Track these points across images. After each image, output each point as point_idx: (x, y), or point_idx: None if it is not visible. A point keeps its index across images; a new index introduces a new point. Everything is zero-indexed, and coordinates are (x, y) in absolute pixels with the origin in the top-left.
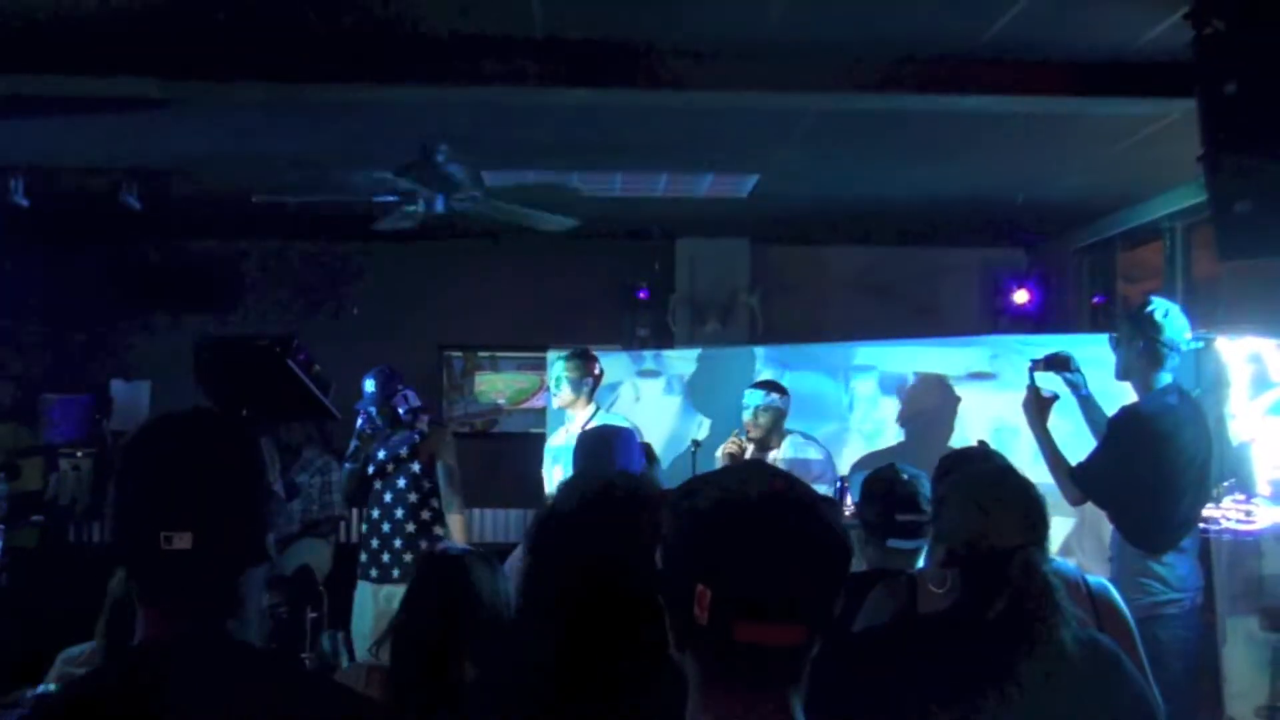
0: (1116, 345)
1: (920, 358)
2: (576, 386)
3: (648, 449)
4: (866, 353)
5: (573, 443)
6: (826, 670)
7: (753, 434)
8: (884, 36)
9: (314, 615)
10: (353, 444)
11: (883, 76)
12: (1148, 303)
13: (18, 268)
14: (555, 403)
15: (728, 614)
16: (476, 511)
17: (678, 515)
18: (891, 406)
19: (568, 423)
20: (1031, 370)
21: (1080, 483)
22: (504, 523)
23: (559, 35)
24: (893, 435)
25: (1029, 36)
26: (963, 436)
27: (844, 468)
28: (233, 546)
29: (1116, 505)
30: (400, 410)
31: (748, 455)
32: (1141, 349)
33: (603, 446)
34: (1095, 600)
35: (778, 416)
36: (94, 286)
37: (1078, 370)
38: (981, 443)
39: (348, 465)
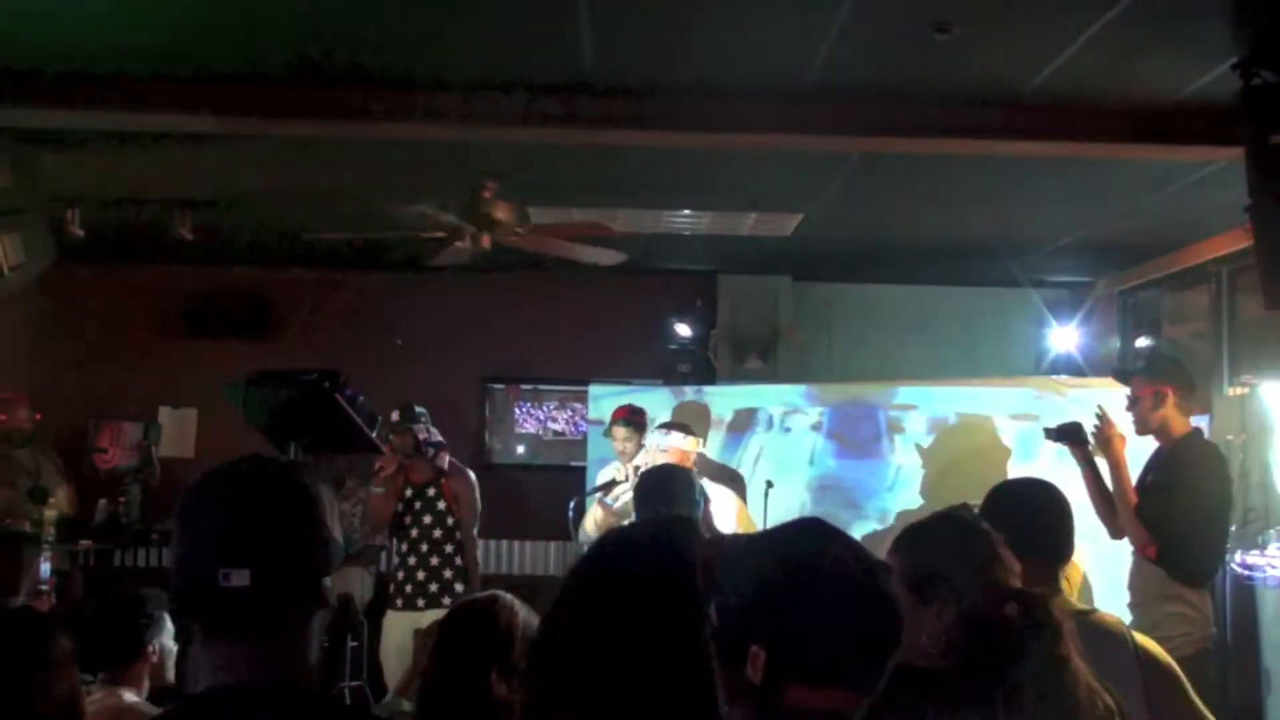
0: (1135, 404)
1: (962, 398)
2: (636, 444)
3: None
4: (909, 392)
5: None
6: None
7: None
8: (928, 82)
9: (354, 644)
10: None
11: (926, 122)
12: (1158, 356)
13: (71, 295)
14: (623, 463)
15: (781, 677)
16: (515, 544)
17: (737, 572)
18: (932, 446)
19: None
20: (1046, 438)
21: (1142, 515)
22: (542, 555)
23: (608, 78)
24: (933, 475)
25: (1075, 84)
26: (1005, 477)
27: (888, 503)
28: (290, 587)
29: (1169, 535)
30: (420, 437)
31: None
32: (1169, 397)
33: (661, 487)
34: (1140, 656)
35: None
36: (144, 314)
37: (1087, 442)
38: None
39: (376, 490)
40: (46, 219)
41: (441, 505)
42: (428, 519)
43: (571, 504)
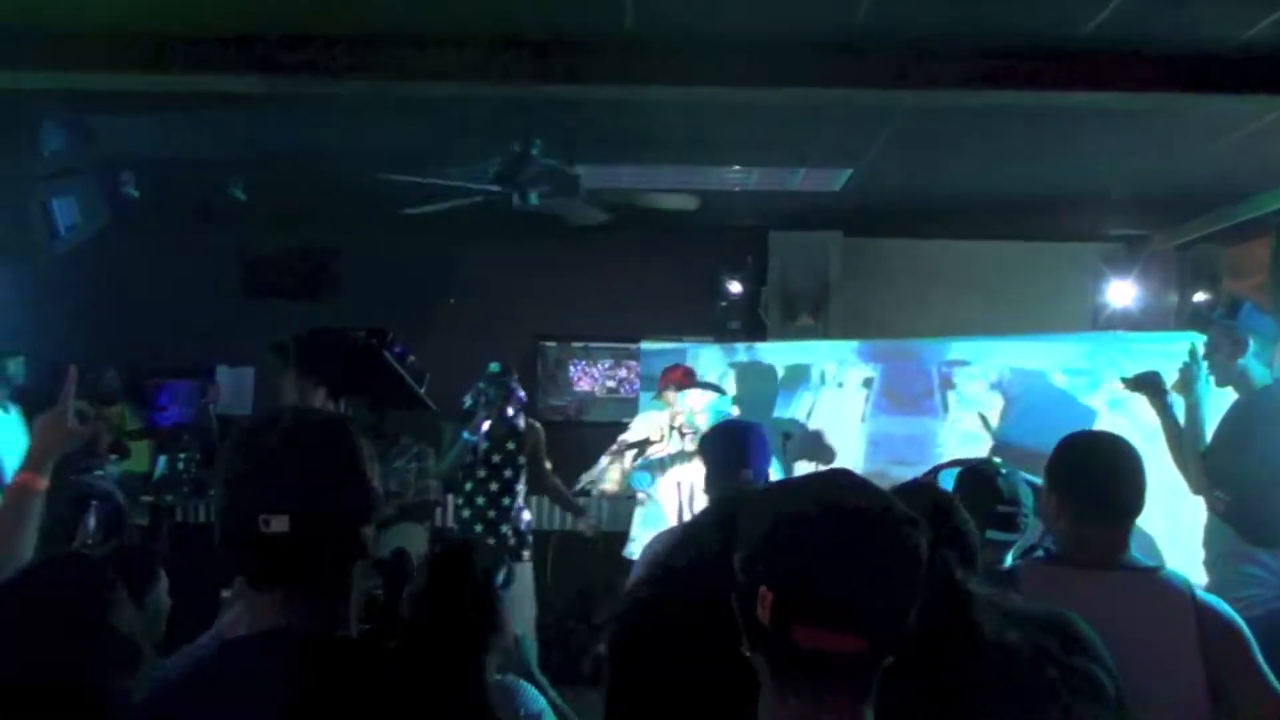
0: (1213, 352)
1: (1016, 353)
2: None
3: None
4: (961, 347)
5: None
6: None
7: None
8: (977, 31)
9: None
10: (479, 417)
11: (976, 73)
12: (1238, 304)
13: (128, 256)
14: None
15: (787, 617)
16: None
17: (753, 517)
18: (985, 402)
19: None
20: (1124, 388)
21: (1208, 468)
22: (594, 511)
23: (648, 32)
24: (988, 431)
25: (1128, 32)
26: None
27: (941, 459)
28: (329, 534)
29: (1239, 492)
30: (516, 395)
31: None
32: (1242, 350)
33: (734, 446)
34: (1201, 611)
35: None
36: (201, 274)
37: (1166, 392)
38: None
39: (467, 436)
40: (100, 181)
41: (521, 460)
42: (508, 472)
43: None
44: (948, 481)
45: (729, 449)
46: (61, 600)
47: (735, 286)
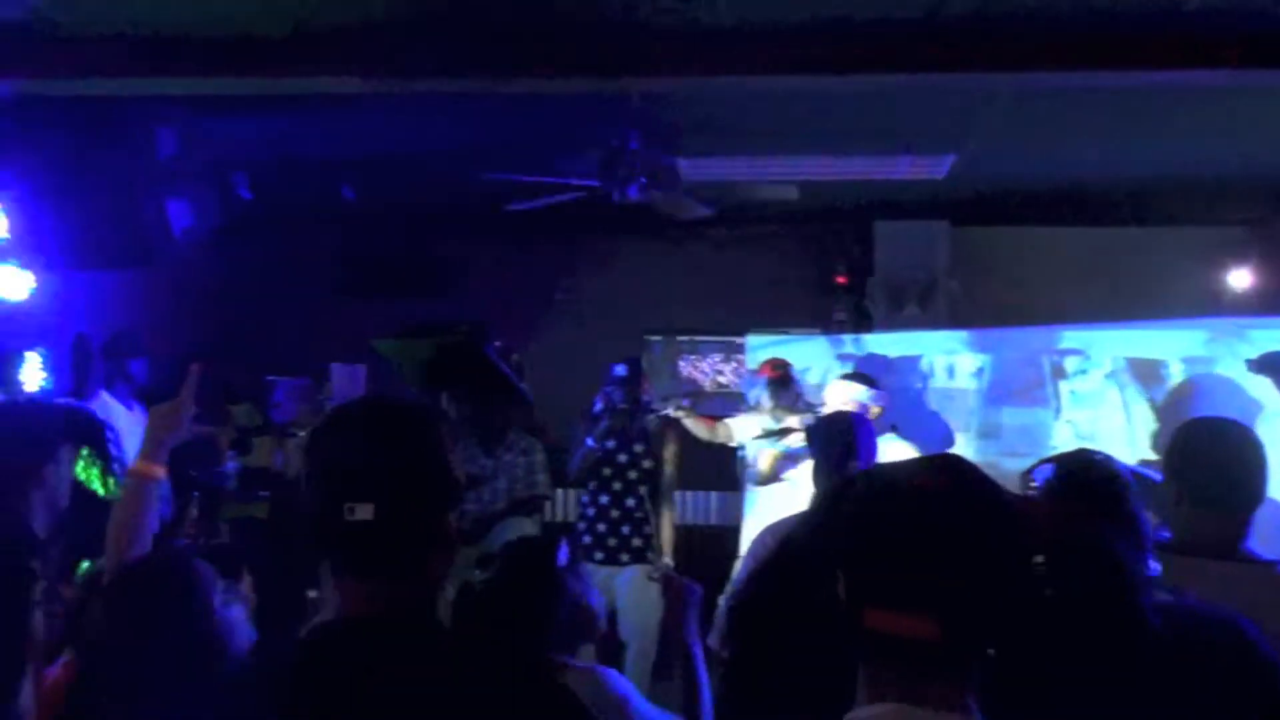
0: None
1: (1130, 341)
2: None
3: None
4: (1073, 336)
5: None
6: None
7: None
8: (1082, 8)
9: None
10: (603, 424)
11: (1082, 52)
12: None
13: (244, 258)
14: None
15: (859, 599)
16: (676, 495)
17: (836, 500)
18: (1100, 391)
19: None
20: (1249, 370)
21: None
22: (704, 505)
23: (744, 22)
24: (1105, 423)
25: (1237, 5)
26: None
27: (1053, 450)
28: (413, 522)
29: None
30: (645, 400)
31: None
32: None
33: (841, 438)
34: None
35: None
36: (313, 274)
37: None
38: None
39: (591, 443)
40: (214, 183)
41: (647, 463)
42: (634, 474)
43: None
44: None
45: (836, 441)
46: (170, 592)
47: (841, 278)
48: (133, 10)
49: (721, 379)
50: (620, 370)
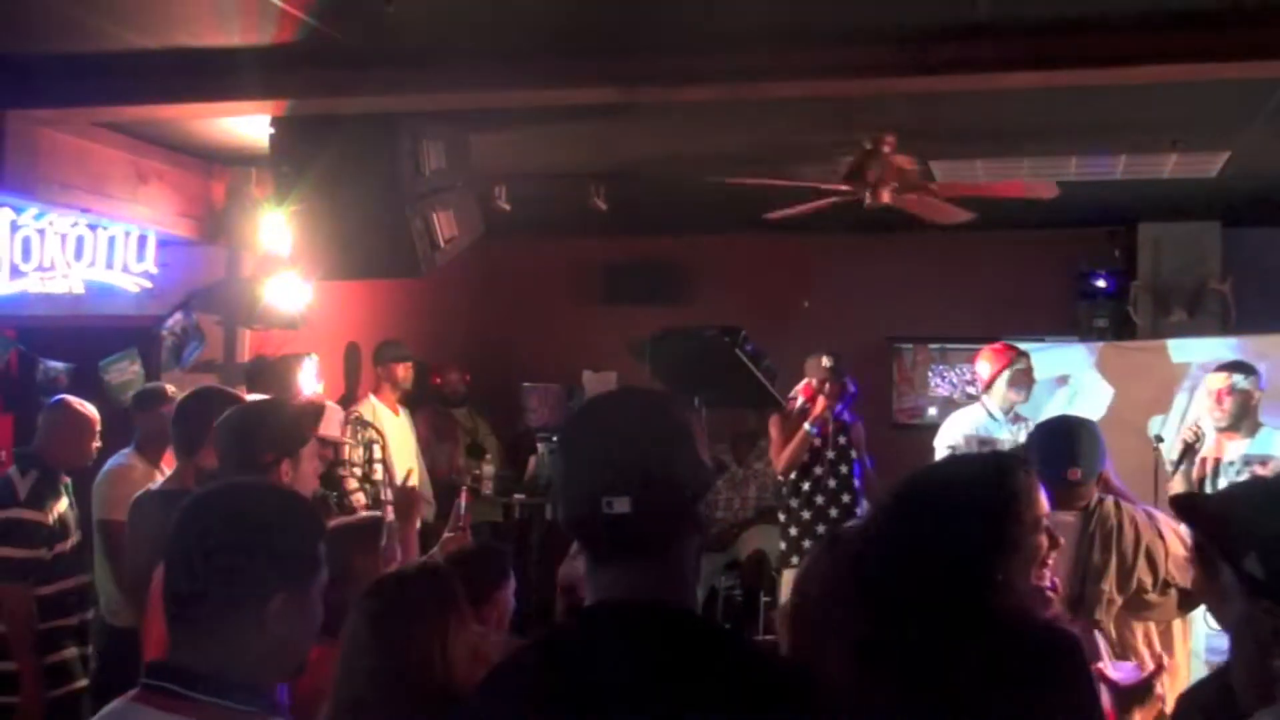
0: None
1: None
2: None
3: None
4: None
5: None
6: None
7: (1217, 421)
8: None
9: (768, 599)
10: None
11: None
12: None
13: (498, 266)
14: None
15: None
16: None
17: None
18: None
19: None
20: None
21: None
22: None
23: (1006, 18)
24: None
25: None
26: None
27: None
28: (668, 512)
29: None
30: (848, 390)
31: (1205, 445)
32: None
33: (1061, 443)
34: None
35: (1244, 401)
36: (565, 283)
37: None
38: None
39: (813, 430)
40: (475, 193)
41: (854, 454)
42: (844, 468)
43: None
44: None
45: (1055, 445)
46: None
47: (1101, 282)
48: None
49: (971, 390)
50: (828, 361)
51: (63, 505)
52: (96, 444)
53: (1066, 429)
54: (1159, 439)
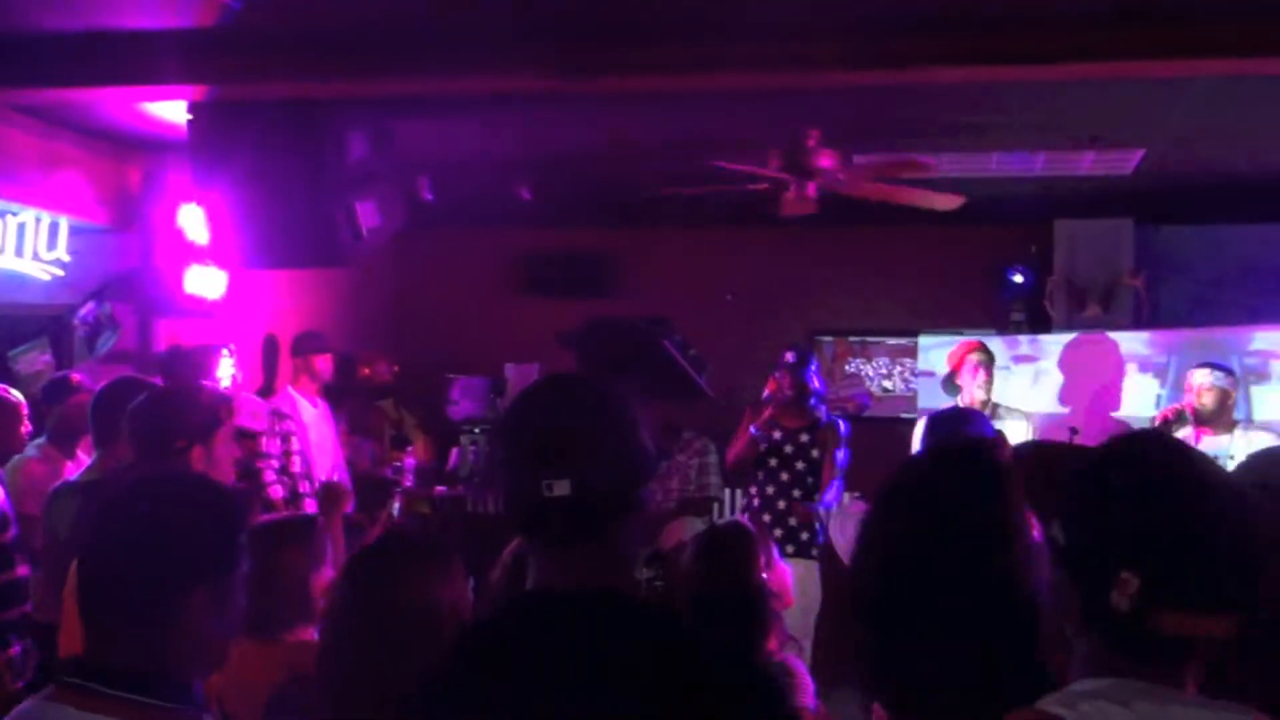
0: None
1: None
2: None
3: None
4: (1266, 338)
5: None
6: None
7: (1200, 413)
8: None
9: None
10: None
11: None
12: None
13: (422, 257)
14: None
15: (1156, 603)
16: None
17: (1098, 488)
18: None
19: None
20: None
21: None
22: None
23: (929, 13)
24: None
25: None
26: None
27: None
28: (608, 496)
29: None
30: (811, 386)
31: (1183, 431)
32: None
33: (952, 428)
34: None
35: (1222, 398)
36: (489, 275)
37: None
38: None
39: (754, 430)
40: (398, 183)
41: (815, 453)
42: (800, 464)
43: None
44: None
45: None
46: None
47: (1018, 277)
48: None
49: (887, 384)
50: (789, 357)
51: None
52: (27, 428)
53: (952, 421)
54: (1073, 430)
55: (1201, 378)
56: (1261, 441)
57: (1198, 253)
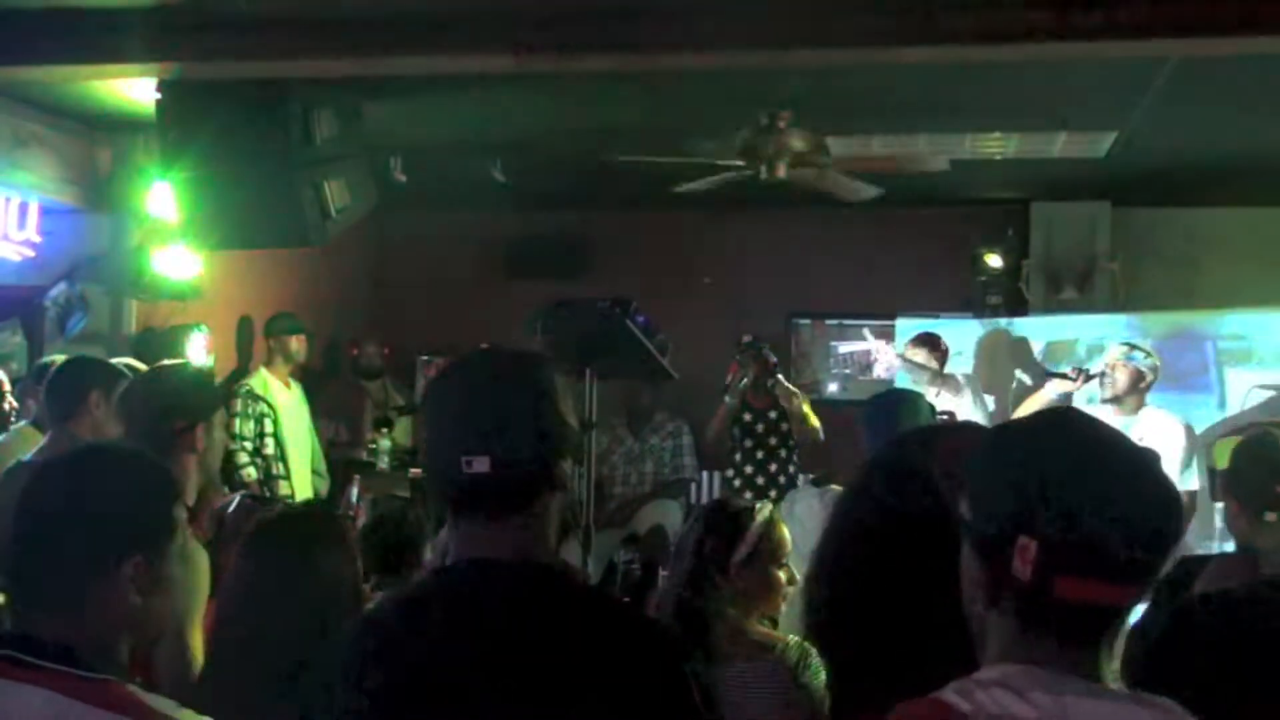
0: None
1: None
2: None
3: None
4: (1240, 320)
5: None
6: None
7: (1102, 392)
8: None
9: (666, 573)
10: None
11: (1255, 17)
12: None
13: (401, 239)
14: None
15: (1052, 570)
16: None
17: (996, 462)
18: (1264, 379)
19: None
20: None
21: None
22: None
23: None
24: (1264, 411)
25: None
26: None
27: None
28: (528, 471)
29: None
30: (771, 361)
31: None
32: None
33: (888, 418)
34: None
35: (1135, 379)
36: (467, 257)
37: None
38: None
39: (728, 399)
40: (369, 163)
41: (785, 426)
42: (773, 440)
43: None
44: (1224, 453)
45: (882, 420)
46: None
47: (995, 260)
48: None
49: (865, 363)
50: (746, 340)
51: None
52: (9, 405)
53: (892, 403)
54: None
55: (1118, 354)
56: (1162, 424)
57: (1172, 235)
